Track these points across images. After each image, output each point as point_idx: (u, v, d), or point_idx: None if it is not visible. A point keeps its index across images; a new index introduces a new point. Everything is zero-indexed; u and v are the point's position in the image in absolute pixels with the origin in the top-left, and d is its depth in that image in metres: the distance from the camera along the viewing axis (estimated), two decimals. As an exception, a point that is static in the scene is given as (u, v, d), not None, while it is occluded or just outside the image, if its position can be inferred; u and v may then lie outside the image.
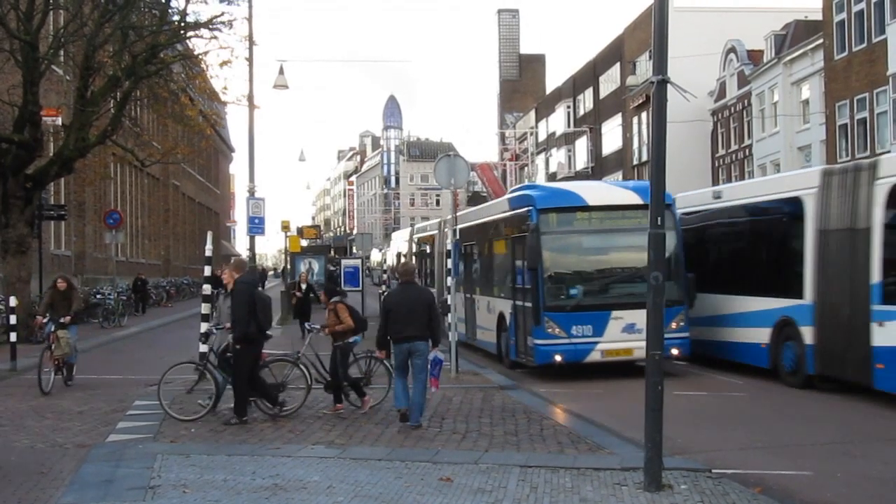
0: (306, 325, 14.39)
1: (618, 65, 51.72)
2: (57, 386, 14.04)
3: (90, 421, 11.36)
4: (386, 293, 14.00)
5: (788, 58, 35.34)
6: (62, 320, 14.30)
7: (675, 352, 14.93)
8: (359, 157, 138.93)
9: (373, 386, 12.19)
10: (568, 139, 59.10)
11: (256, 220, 15.83)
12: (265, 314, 11.19)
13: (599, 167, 54.10)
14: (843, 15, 29.78)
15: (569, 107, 60.00)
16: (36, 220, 24.23)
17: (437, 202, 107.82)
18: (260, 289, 11.87)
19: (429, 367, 10.71)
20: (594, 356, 15.07)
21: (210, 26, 22.06)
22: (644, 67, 46.59)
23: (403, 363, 10.78)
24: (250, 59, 16.78)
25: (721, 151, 42.97)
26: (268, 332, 11.46)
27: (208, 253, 15.37)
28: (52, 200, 30.00)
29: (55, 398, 13.22)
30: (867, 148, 28.63)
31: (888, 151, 25.25)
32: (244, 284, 11.18)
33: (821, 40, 31.98)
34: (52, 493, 7.66)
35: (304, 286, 23.67)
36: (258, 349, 11.21)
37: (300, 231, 48.30)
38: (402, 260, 29.15)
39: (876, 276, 12.03)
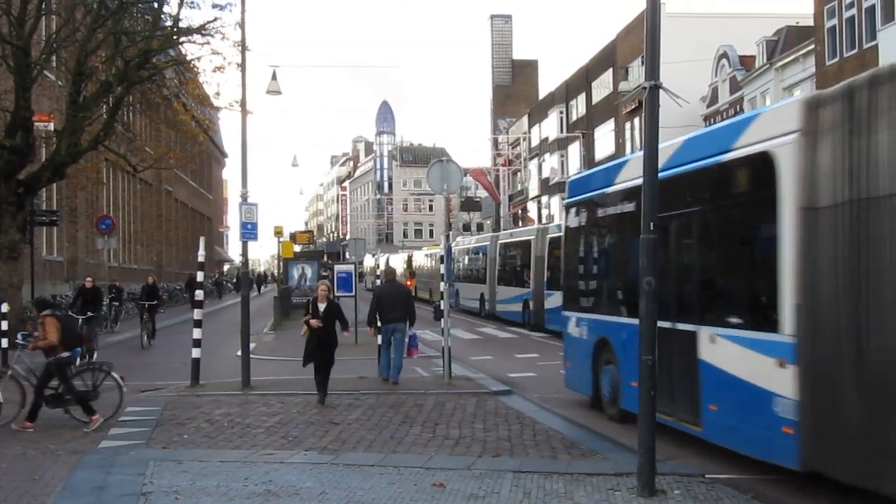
0: (20, 336, 12.02)
1: (610, 70, 51.82)
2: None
3: (82, 427, 11.30)
4: (376, 287, 15.84)
5: (780, 63, 35.43)
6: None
7: None
8: (352, 163, 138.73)
9: (103, 399, 11.88)
10: (561, 144, 59.15)
11: (249, 226, 15.72)
12: None
13: (592, 173, 54.07)
14: (835, 21, 29.88)
15: (561, 112, 60.11)
16: (28, 225, 24.19)
17: (430, 207, 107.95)
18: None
19: (407, 341, 14.90)
20: None
21: (202, 32, 22.07)
22: (636, 73, 46.66)
23: (388, 340, 14.69)
24: (243, 65, 16.74)
25: (713, 157, 42.95)
26: None
27: (201, 258, 15.37)
28: (44, 206, 29.93)
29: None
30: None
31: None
32: None
33: (812, 46, 32.09)
34: (43, 500, 7.63)
35: (321, 306, 13.15)
36: None
37: (293, 236, 48.33)
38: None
39: None
